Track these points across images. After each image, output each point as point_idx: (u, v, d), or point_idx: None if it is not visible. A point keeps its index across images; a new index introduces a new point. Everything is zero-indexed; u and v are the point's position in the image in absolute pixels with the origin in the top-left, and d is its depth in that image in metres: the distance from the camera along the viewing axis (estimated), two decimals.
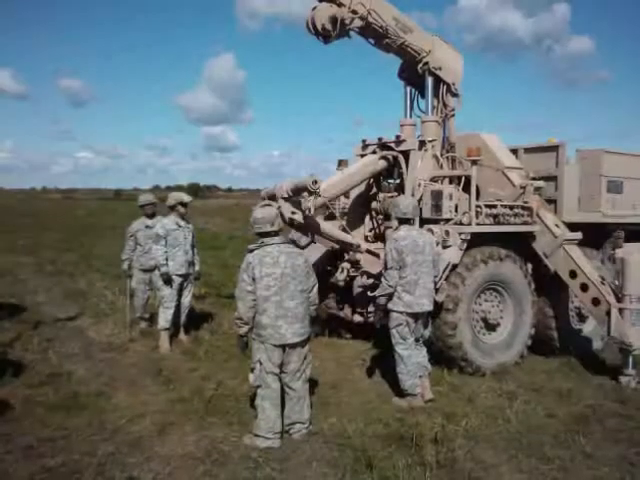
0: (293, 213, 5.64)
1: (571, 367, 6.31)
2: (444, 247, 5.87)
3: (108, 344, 7.07)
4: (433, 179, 6.61)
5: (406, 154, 6.78)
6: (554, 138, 7.24)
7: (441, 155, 6.89)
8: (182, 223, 7.18)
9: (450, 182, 6.67)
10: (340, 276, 6.85)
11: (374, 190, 7.42)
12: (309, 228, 6.09)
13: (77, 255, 16.09)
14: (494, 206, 6.29)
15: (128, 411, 4.95)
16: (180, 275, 7.08)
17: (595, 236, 7.20)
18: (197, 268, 7.45)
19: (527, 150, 7.44)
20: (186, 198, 7.26)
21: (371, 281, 6.44)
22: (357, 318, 6.96)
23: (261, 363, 4.38)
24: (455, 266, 5.89)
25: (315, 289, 4.62)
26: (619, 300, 5.97)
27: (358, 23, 5.98)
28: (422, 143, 6.72)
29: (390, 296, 5.22)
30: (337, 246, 6.65)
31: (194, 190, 77.35)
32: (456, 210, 6.23)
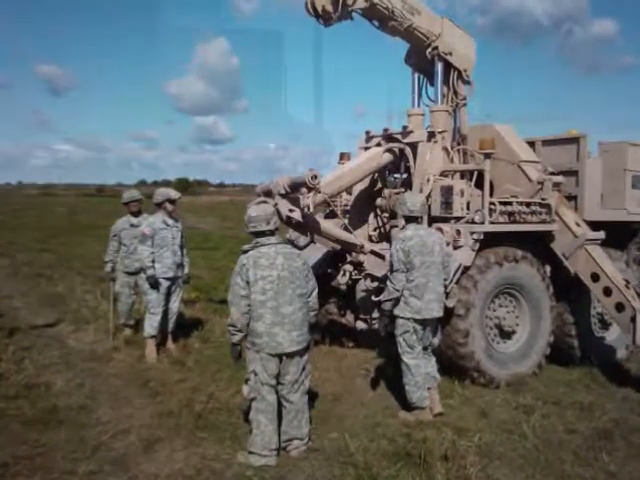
0: (291, 211, 5.65)
1: (593, 378, 6.32)
2: (455, 248, 5.88)
3: (90, 353, 7.08)
4: (443, 174, 6.61)
5: (414, 146, 6.79)
6: (574, 129, 7.27)
7: (452, 148, 6.88)
8: (170, 222, 7.18)
9: (461, 177, 6.67)
10: (342, 279, 6.87)
11: (379, 186, 7.43)
12: (308, 227, 6.10)
13: (56, 256, 16.10)
14: (509, 203, 6.30)
15: (111, 426, 4.95)
16: (168, 278, 7.08)
17: (619, 236, 7.22)
18: (186, 270, 7.46)
19: (545, 142, 7.46)
20: (174, 194, 7.26)
21: (375, 284, 6.44)
22: (360, 325, 6.97)
23: (256, 374, 4.38)
24: (467, 268, 5.89)
25: (315, 293, 4.63)
26: None
27: (361, 4, 5.98)
28: (431, 134, 6.72)
29: (396, 301, 5.22)
30: (338, 247, 6.65)
31: (183, 186, 77.39)
32: (468, 207, 6.24)
